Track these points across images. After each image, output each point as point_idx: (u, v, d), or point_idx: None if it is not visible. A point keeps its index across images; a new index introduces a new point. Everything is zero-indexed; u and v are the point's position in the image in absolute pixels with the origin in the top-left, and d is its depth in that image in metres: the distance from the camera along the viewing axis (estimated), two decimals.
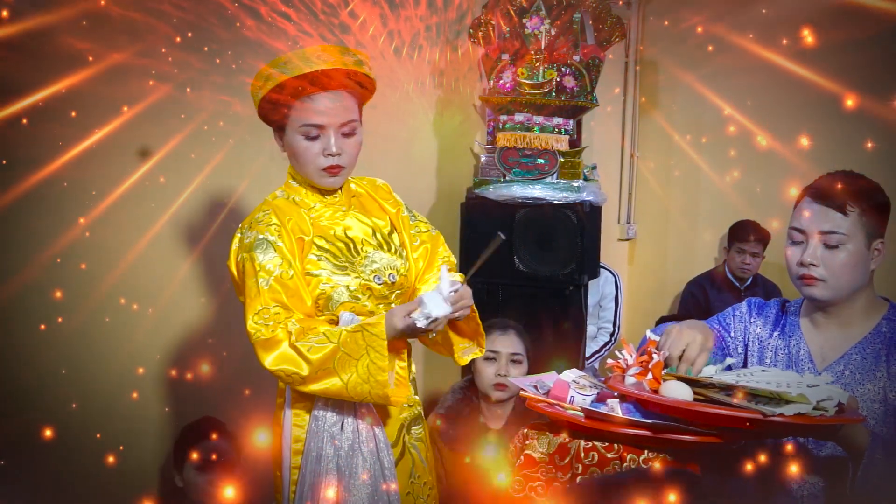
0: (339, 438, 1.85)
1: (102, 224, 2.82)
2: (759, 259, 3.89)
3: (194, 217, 3.03)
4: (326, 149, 1.88)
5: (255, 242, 1.83)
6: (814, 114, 3.67)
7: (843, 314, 1.69)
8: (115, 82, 2.78)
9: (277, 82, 1.83)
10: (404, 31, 2.96)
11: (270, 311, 1.79)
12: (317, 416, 1.86)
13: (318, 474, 1.83)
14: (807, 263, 1.65)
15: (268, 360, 1.77)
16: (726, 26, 3.81)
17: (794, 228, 1.69)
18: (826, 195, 1.64)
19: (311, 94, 1.85)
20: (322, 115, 1.86)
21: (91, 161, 2.75)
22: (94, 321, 2.84)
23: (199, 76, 2.94)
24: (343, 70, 1.87)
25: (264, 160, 3.08)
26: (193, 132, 2.95)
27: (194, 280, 3.04)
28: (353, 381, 1.74)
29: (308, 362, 1.75)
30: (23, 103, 2.57)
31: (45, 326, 2.75)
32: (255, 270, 1.81)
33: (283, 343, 1.77)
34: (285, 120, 1.89)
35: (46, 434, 2.68)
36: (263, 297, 1.80)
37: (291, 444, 1.89)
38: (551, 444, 1.49)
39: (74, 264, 2.79)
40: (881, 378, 1.62)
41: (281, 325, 1.78)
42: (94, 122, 2.76)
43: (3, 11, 2.37)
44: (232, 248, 1.91)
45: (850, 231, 1.62)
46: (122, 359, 2.90)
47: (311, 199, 1.96)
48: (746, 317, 1.84)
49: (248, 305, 1.82)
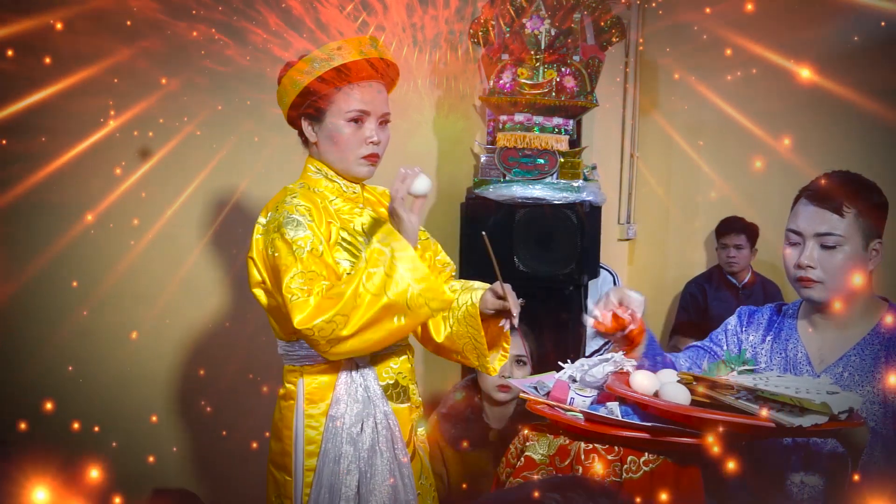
0: (360, 439, 1.84)
1: (102, 224, 2.82)
2: (746, 252, 3.92)
3: (195, 217, 3.03)
4: (369, 136, 1.90)
5: (284, 220, 1.80)
6: (814, 113, 3.67)
7: (842, 316, 1.68)
8: (115, 82, 2.78)
9: (332, 66, 1.83)
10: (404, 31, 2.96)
11: (306, 275, 1.74)
12: (334, 417, 1.85)
13: (338, 475, 1.82)
14: (804, 265, 1.64)
15: (299, 318, 1.70)
16: (726, 26, 3.81)
17: (790, 230, 1.68)
18: (822, 196, 1.63)
19: (360, 81, 1.88)
20: (369, 103, 1.89)
21: (91, 161, 2.76)
22: (94, 321, 2.84)
23: (199, 76, 2.94)
24: (385, 62, 1.92)
25: (264, 160, 3.08)
26: (194, 132, 2.95)
27: (194, 280, 3.04)
28: (399, 291, 1.70)
29: (337, 300, 1.70)
30: (23, 103, 2.57)
31: (46, 326, 2.75)
32: (289, 243, 1.77)
33: (314, 299, 1.72)
34: (326, 107, 1.88)
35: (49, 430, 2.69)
36: (300, 263, 1.75)
37: (305, 445, 1.86)
38: (551, 445, 1.49)
39: (74, 264, 2.80)
40: (880, 379, 1.62)
41: (316, 288, 1.74)
42: (93, 122, 2.76)
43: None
44: (254, 237, 1.86)
45: (846, 232, 1.61)
46: (123, 358, 2.90)
47: (331, 192, 1.94)
48: (738, 328, 1.83)
49: (282, 275, 1.76)
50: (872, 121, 3.33)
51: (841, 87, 3.35)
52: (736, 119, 3.88)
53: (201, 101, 2.95)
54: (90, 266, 2.84)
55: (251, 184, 3.07)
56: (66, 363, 2.79)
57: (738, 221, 3.92)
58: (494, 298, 1.88)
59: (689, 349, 1.89)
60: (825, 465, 1.62)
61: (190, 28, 2.87)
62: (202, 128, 2.96)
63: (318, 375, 1.89)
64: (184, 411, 3.08)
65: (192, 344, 3.08)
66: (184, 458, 3.06)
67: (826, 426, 1.35)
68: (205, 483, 3.14)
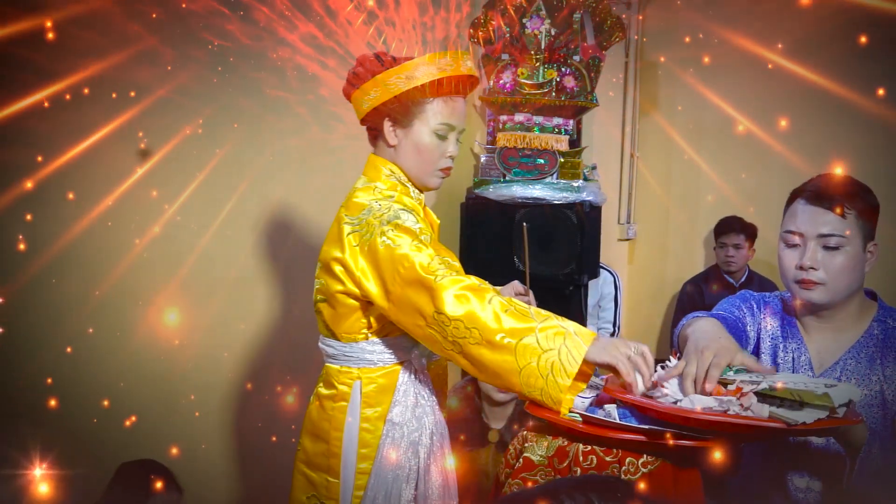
0: (420, 446, 1.84)
1: (102, 223, 2.82)
2: (744, 251, 3.94)
3: (195, 217, 3.03)
4: (450, 151, 1.91)
5: (395, 213, 1.76)
6: (814, 114, 3.67)
7: (837, 318, 1.67)
8: (115, 82, 2.78)
9: (437, 77, 1.82)
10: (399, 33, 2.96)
11: (441, 257, 1.68)
12: (394, 422, 1.84)
13: (399, 481, 1.81)
14: (806, 267, 1.62)
15: (452, 291, 1.60)
16: (726, 26, 3.81)
17: (789, 231, 1.65)
18: (823, 197, 1.61)
19: (454, 95, 1.89)
20: (457, 118, 1.90)
21: (91, 161, 2.76)
22: (94, 320, 2.84)
23: (199, 76, 2.94)
24: (476, 80, 1.94)
25: (264, 160, 3.08)
26: (194, 132, 2.95)
27: (194, 280, 3.04)
28: (530, 370, 1.54)
29: (493, 314, 1.58)
30: (23, 103, 2.57)
31: (46, 326, 2.75)
32: (411, 232, 1.72)
33: (472, 278, 1.64)
34: (417, 115, 1.87)
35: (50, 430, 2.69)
36: (430, 249, 1.69)
37: (359, 448, 1.84)
38: (550, 447, 1.49)
39: (74, 264, 2.80)
40: (877, 382, 1.61)
41: (460, 272, 1.66)
42: (94, 122, 2.76)
43: None
44: (343, 238, 1.79)
45: (848, 233, 1.60)
46: (123, 357, 2.90)
47: (402, 194, 1.90)
48: (757, 312, 1.80)
49: (411, 260, 1.67)
50: (872, 121, 3.33)
51: (841, 87, 3.35)
52: (736, 119, 3.89)
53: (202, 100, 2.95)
54: (90, 266, 2.84)
55: (252, 184, 3.07)
56: (66, 363, 2.79)
57: (738, 221, 3.94)
58: (513, 294, 1.87)
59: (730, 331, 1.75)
60: (823, 464, 1.62)
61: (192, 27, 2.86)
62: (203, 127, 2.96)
63: (377, 378, 1.87)
64: (184, 411, 3.08)
65: (192, 343, 3.08)
66: (184, 457, 3.05)
67: (826, 423, 1.34)
68: (205, 483, 3.15)
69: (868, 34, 3.37)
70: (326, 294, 1.86)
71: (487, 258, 3.08)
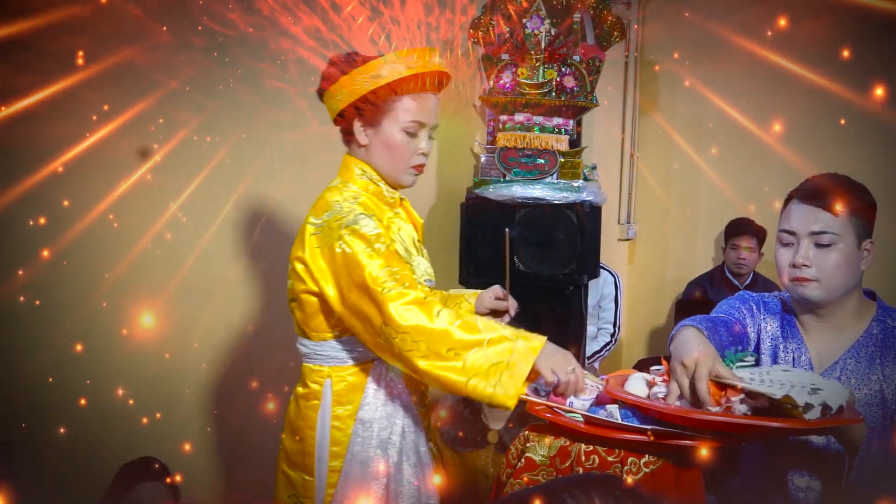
0: (390, 444, 1.84)
1: (102, 223, 2.82)
2: (756, 255, 3.92)
3: (195, 217, 3.03)
4: (422, 148, 1.91)
5: (354, 218, 1.77)
6: (814, 114, 3.67)
7: (836, 317, 1.68)
8: (115, 82, 2.78)
9: (402, 75, 1.82)
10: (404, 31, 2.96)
11: (392, 268, 1.70)
12: (363, 420, 1.84)
13: (366, 479, 1.81)
14: (799, 264, 1.64)
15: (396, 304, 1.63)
16: (726, 26, 3.81)
17: (783, 230, 1.68)
18: (815, 196, 1.63)
19: (422, 92, 1.88)
20: (427, 115, 1.90)
21: (91, 160, 2.75)
22: (94, 320, 2.84)
23: (199, 75, 2.94)
24: (447, 76, 1.93)
25: (265, 160, 3.08)
26: (194, 132, 2.95)
27: (194, 279, 3.04)
28: (477, 381, 1.60)
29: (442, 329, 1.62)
30: (23, 102, 2.57)
31: (46, 326, 2.75)
32: (366, 239, 1.73)
33: (417, 293, 1.66)
34: (385, 113, 1.87)
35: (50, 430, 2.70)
36: (383, 258, 1.71)
37: (330, 446, 1.85)
38: (552, 447, 1.49)
39: (74, 263, 2.79)
40: (876, 381, 1.62)
41: (411, 283, 1.68)
42: (93, 121, 2.76)
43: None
44: (306, 237, 1.81)
45: (841, 230, 1.61)
46: (123, 358, 2.90)
47: (373, 195, 1.92)
48: (757, 313, 1.81)
49: (365, 267, 1.70)
50: (872, 121, 3.33)
51: (841, 87, 3.35)
52: (736, 119, 3.89)
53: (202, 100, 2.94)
54: (90, 265, 2.84)
55: (252, 183, 3.07)
56: (66, 362, 2.79)
57: (751, 224, 3.91)
58: (492, 298, 1.87)
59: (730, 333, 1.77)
60: (823, 463, 1.63)
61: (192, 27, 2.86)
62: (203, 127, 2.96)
63: (346, 377, 1.87)
64: (184, 411, 3.08)
65: (193, 342, 3.08)
66: (184, 457, 3.05)
67: (826, 422, 1.35)
68: (205, 482, 3.15)
69: (868, 34, 3.37)
70: (294, 293, 1.88)
71: (487, 258, 3.08)
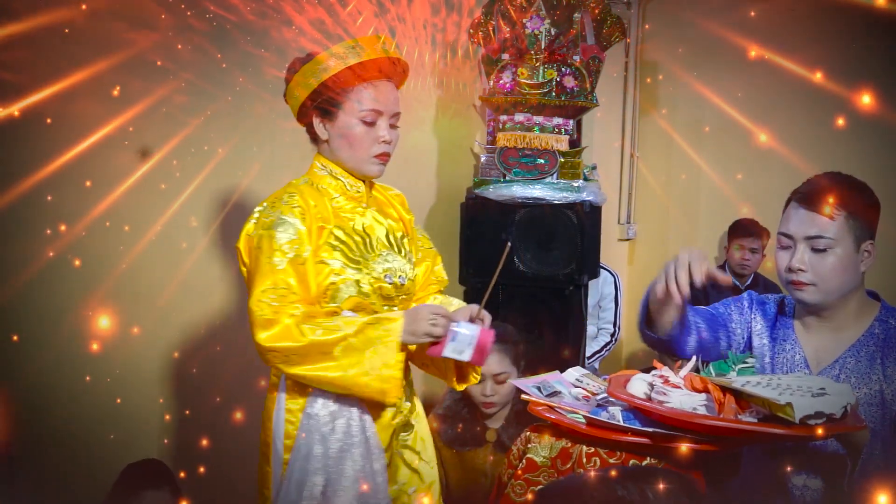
0: (330, 439, 1.84)
1: (102, 223, 2.81)
2: (759, 256, 3.91)
3: (195, 216, 3.02)
4: (382, 136, 1.91)
5: (276, 221, 1.82)
6: (814, 114, 3.67)
7: (836, 317, 1.68)
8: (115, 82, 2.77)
9: (348, 64, 1.83)
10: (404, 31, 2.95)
11: (278, 291, 1.77)
12: (309, 414, 1.85)
13: (306, 473, 1.82)
14: (795, 268, 1.64)
15: (264, 336, 1.75)
16: (726, 26, 3.80)
17: (782, 234, 1.69)
18: (811, 199, 1.63)
19: (375, 80, 1.88)
20: (383, 102, 1.89)
21: (91, 160, 2.75)
22: (94, 320, 2.83)
23: (200, 75, 2.93)
24: (401, 63, 1.93)
25: (265, 158, 3.08)
26: (194, 131, 2.95)
27: (194, 279, 3.03)
28: (354, 372, 1.75)
29: (307, 341, 1.74)
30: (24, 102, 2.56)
31: (46, 326, 2.75)
32: (272, 249, 1.80)
33: (283, 322, 1.76)
34: (341, 105, 1.88)
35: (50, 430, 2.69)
36: (275, 276, 1.78)
37: (283, 439, 1.88)
38: (553, 448, 1.49)
39: (73, 263, 2.79)
40: (877, 381, 1.62)
41: (286, 307, 1.77)
42: (94, 121, 2.75)
43: None
44: (246, 226, 1.87)
45: (836, 235, 1.61)
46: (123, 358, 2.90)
47: (335, 190, 1.95)
48: (748, 311, 1.82)
49: (256, 281, 1.79)
50: (872, 121, 3.33)
51: (841, 87, 3.35)
52: (736, 119, 3.88)
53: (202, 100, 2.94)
54: (90, 265, 2.84)
55: (252, 183, 3.06)
56: (67, 362, 2.79)
57: (756, 225, 3.89)
58: (467, 315, 1.86)
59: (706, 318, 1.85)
60: (825, 465, 1.62)
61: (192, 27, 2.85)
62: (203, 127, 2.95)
63: None
64: (184, 411, 3.08)
65: (192, 342, 3.08)
66: (185, 457, 3.05)
67: (828, 429, 1.34)
68: (205, 482, 3.14)
69: (868, 34, 3.37)
70: None
71: (487, 258, 3.08)
